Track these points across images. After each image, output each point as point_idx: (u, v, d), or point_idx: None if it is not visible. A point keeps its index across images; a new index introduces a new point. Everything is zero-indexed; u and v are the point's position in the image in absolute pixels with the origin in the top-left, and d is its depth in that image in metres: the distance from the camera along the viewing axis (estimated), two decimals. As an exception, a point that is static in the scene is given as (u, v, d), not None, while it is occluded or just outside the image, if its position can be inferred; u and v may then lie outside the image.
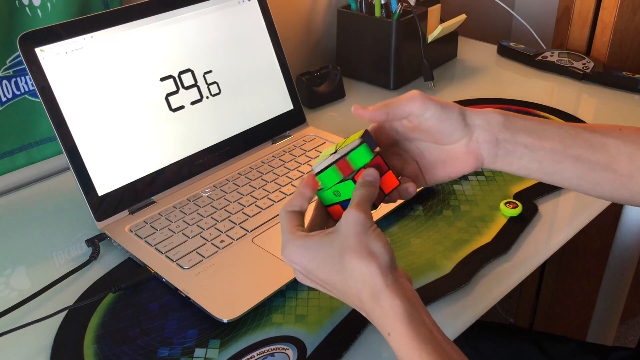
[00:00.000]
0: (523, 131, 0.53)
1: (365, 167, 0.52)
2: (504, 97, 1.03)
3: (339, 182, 0.52)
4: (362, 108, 0.53)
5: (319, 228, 0.52)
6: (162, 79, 0.78)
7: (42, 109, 0.70)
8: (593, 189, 0.54)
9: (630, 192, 0.53)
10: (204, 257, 0.67)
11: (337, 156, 0.52)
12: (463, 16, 1.12)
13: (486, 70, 1.16)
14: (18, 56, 0.79)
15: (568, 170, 0.53)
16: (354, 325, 0.59)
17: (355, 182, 0.51)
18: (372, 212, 0.50)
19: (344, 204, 0.52)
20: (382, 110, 0.53)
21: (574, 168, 0.53)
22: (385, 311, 0.46)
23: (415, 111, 0.53)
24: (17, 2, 0.76)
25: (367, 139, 0.52)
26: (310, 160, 0.84)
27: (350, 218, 0.48)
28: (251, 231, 0.70)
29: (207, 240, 0.69)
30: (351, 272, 0.47)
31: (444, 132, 0.53)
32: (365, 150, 0.52)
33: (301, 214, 0.52)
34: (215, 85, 0.83)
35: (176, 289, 0.63)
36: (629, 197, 0.54)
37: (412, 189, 0.54)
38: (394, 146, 0.57)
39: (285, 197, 0.76)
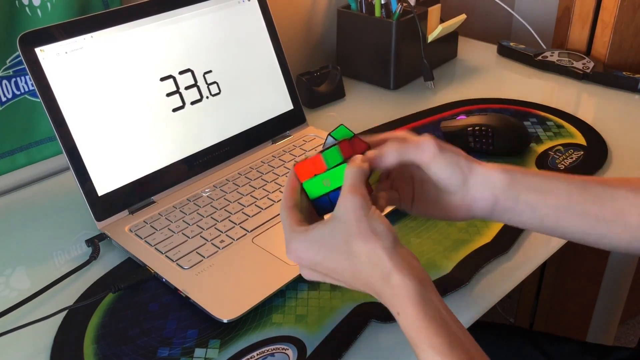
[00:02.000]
0: (528, 189, 0.52)
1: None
2: (504, 97, 1.03)
3: (334, 167, 0.51)
4: (373, 153, 0.52)
5: (307, 222, 0.52)
6: (162, 79, 0.78)
7: (42, 109, 0.70)
8: (600, 242, 0.53)
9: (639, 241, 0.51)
10: (204, 257, 0.67)
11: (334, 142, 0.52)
12: (463, 16, 1.12)
13: (486, 70, 1.16)
14: (18, 56, 0.79)
15: (573, 226, 0.52)
16: (354, 325, 0.59)
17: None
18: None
19: (332, 195, 0.51)
20: (393, 155, 0.52)
21: (578, 224, 0.52)
22: (395, 291, 0.45)
23: (426, 161, 0.52)
24: (17, 2, 0.76)
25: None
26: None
27: (348, 203, 0.47)
28: (251, 231, 0.70)
29: (207, 240, 0.69)
30: (359, 256, 0.47)
31: (442, 182, 0.53)
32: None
33: (298, 208, 0.52)
34: (215, 85, 0.83)
35: (176, 289, 0.63)
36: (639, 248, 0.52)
37: (382, 202, 0.53)
38: (402, 166, 0.56)
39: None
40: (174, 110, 0.79)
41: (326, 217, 0.51)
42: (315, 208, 0.53)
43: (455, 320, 0.46)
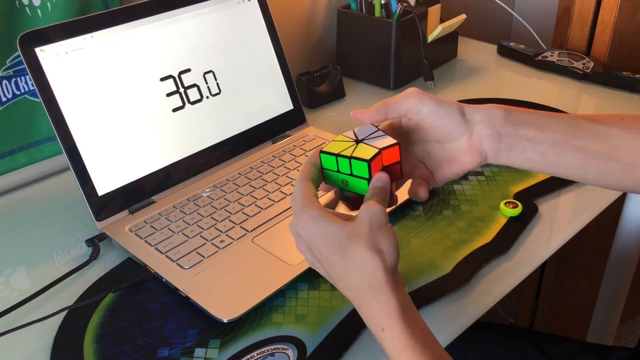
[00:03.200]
0: (525, 124, 0.53)
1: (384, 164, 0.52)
2: (504, 97, 1.03)
3: (356, 177, 0.52)
4: (361, 112, 0.54)
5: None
6: (162, 79, 0.78)
7: (42, 109, 0.70)
8: (597, 179, 0.54)
9: (633, 180, 0.53)
10: (204, 257, 0.67)
11: (372, 151, 0.51)
12: (463, 16, 1.12)
13: (486, 70, 1.16)
14: (18, 56, 0.79)
15: (571, 160, 0.53)
16: (354, 325, 0.59)
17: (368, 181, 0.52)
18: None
19: (347, 193, 0.53)
20: (380, 110, 0.54)
21: (577, 158, 0.53)
22: (382, 306, 0.46)
23: (412, 107, 0.53)
24: (17, 2, 0.76)
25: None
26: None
27: (372, 210, 0.48)
28: (251, 231, 0.70)
29: (207, 240, 0.69)
30: (354, 259, 0.47)
31: (443, 129, 0.54)
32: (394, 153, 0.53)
33: (314, 185, 0.52)
34: (215, 85, 0.83)
35: (176, 289, 0.63)
36: (632, 186, 0.54)
37: (422, 193, 0.55)
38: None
39: (285, 197, 0.76)
40: (174, 110, 0.79)
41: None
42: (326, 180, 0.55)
43: (438, 343, 0.47)
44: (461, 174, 0.57)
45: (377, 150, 0.51)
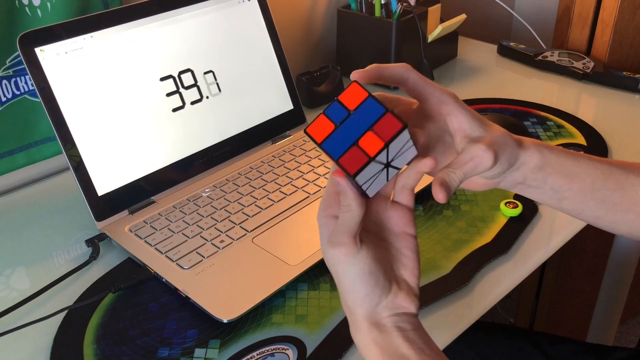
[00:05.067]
0: (556, 173, 0.50)
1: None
2: (504, 97, 1.03)
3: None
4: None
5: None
6: (162, 79, 0.78)
7: (42, 109, 0.70)
8: (609, 227, 0.54)
9: None
10: (203, 257, 0.67)
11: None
12: (463, 16, 1.12)
13: (486, 70, 1.16)
14: (18, 56, 0.79)
15: (589, 209, 0.52)
16: (354, 325, 0.59)
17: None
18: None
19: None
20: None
21: (595, 208, 0.52)
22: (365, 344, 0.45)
23: (482, 173, 0.48)
24: (17, 2, 0.76)
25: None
26: (310, 161, 0.84)
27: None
28: (251, 231, 0.70)
29: (207, 240, 0.69)
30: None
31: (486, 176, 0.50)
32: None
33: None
34: (215, 85, 0.83)
35: (176, 289, 0.63)
36: None
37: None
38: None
39: (285, 197, 0.76)
40: (174, 110, 0.79)
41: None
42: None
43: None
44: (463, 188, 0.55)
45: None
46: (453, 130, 0.48)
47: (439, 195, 0.44)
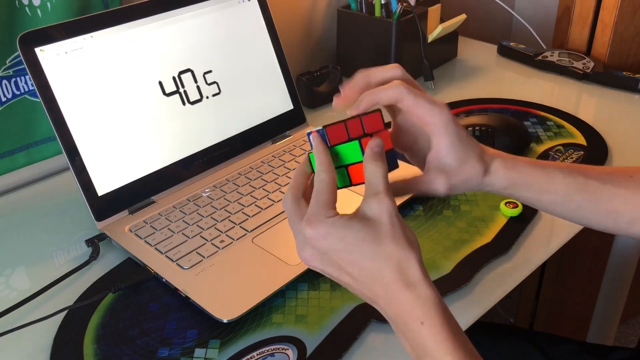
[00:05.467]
0: (527, 189, 0.54)
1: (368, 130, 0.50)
2: (504, 97, 1.03)
3: (344, 142, 0.50)
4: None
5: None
6: (162, 79, 0.78)
7: (42, 109, 0.70)
8: (586, 225, 0.57)
9: (626, 233, 0.55)
10: (204, 257, 0.67)
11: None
12: (463, 16, 1.12)
13: (486, 70, 1.16)
14: (18, 56, 0.79)
15: (566, 213, 0.56)
16: (354, 325, 0.59)
17: (360, 145, 0.49)
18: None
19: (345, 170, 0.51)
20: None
21: (572, 215, 0.55)
22: (422, 300, 0.44)
23: (445, 154, 0.52)
24: (17, 2, 0.76)
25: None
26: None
27: (383, 205, 0.46)
28: (251, 231, 0.70)
29: (207, 240, 0.69)
30: (388, 259, 0.45)
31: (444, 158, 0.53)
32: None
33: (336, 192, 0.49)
34: (215, 85, 0.83)
35: (176, 289, 0.63)
36: (625, 234, 0.56)
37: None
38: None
39: (285, 197, 0.76)
40: (174, 110, 0.79)
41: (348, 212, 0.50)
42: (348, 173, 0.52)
43: (470, 342, 0.46)
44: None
45: (354, 115, 0.49)
46: (431, 146, 0.52)
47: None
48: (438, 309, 0.44)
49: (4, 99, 0.80)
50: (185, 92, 0.80)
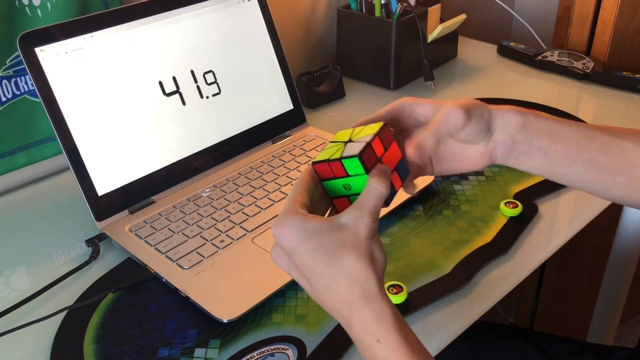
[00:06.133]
0: (540, 133, 0.53)
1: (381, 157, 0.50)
2: (504, 97, 1.03)
3: (354, 176, 0.49)
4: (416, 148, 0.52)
5: (319, 213, 0.50)
6: (162, 79, 0.78)
7: (42, 109, 0.70)
8: (604, 192, 0.54)
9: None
10: (204, 257, 0.67)
11: (360, 145, 0.49)
12: (463, 16, 1.12)
13: (486, 70, 1.16)
14: (18, 56, 0.79)
15: (580, 172, 0.53)
16: (354, 325, 0.59)
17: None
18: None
19: (352, 198, 0.50)
20: (430, 138, 0.52)
21: (585, 171, 0.53)
22: (377, 315, 0.44)
23: (453, 131, 0.52)
24: (17, 2, 0.76)
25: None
26: (310, 161, 0.84)
27: (362, 222, 0.46)
28: (251, 231, 0.70)
29: (207, 240, 0.69)
30: (346, 269, 0.45)
31: (470, 140, 0.53)
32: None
33: (309, 193, 0.49)
34: (215, 85, 0.83)
35: (176, 289, 0.63)
36: (638, 201, 0.53)
37: (411, 189, 0.55)
38: (408, 131, 0.56)
39: (285, 198, 0.76)
40: (174, 110, 0.79)
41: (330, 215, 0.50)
42: (335, 205, 0.52)
43: (430, 355, 0.46)
44: (464, 172, 0.57)
45: (365, 143, 0.49)
46: (425, 119, 0.54)
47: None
48: (394, 324, 0.43)
49: (4, 99, 0.80)
50: (185, 92, 0.80)
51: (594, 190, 0.54)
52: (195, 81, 0.81)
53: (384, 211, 0.72)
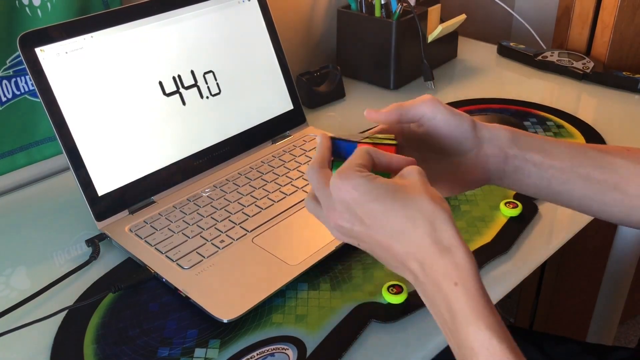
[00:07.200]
0: (532, 148, 0.53)
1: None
2: (504, 97, 1.03)
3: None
4: (375, 111, 0.53)
5: None
6: (162, 79, 0.78)
7: (42, 109, 0.70)
8: (601, 210, 0.54)
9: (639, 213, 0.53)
10: (204, 257, 0.67)
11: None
12: (463, 16, 1.12)
13: (486, 70, 1.16)
14: (18, 56, 0.79)
15: (577, 189, 0.53)
16: (354, 325, 0.59)
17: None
18: None
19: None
20: (395, 111, 0.53)
21: (582, 188, 0.53)
22: (457, 262, 0.43)
23: (427, 113, 0.53)
24: (17, 2, 0.76)
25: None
26: (310, 161, 0.84)
27: (414, 169, 0.46)
28: (251, 231, 0.70)
29: (207, 240, 0.69)
30: (424, 216, 0.43)
31: (453, 139, 0.53)
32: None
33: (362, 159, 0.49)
34: (215, 85, 0.83)
35: (176, 289, 0.63)
36: (638, 220, 0.53)
37: None
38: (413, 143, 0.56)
39: (285, 197, 0.76)
40: (174, 110, 0.79)
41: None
42: None
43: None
44: (457, 193, 0.56)
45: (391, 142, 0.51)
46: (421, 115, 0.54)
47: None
48: (474, 273, 0.43)
49: (4, 99, 0.80)
50: (185, 92, 0.80)
51: (592, 209, 0.54)
52: (195, 81, 0.81)
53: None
